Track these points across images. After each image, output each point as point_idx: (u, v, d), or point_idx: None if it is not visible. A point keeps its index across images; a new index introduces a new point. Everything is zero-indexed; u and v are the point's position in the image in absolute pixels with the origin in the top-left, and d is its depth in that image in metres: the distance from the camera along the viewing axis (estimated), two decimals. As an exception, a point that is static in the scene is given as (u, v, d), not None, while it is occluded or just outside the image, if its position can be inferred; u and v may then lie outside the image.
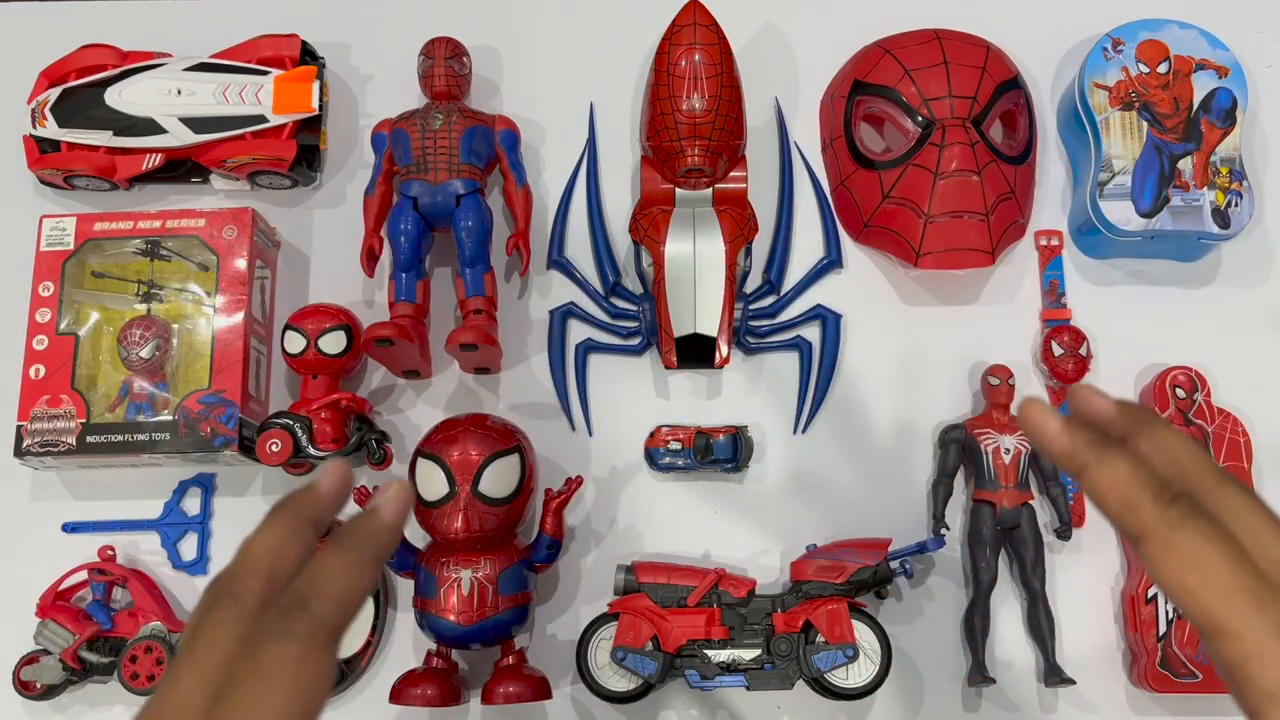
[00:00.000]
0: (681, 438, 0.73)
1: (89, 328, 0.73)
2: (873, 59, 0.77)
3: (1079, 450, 0.32)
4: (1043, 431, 0.33)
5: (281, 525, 0.30)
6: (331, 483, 0.33)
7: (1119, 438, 0.33)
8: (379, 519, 0.31)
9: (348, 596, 0.28)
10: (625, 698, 0.66)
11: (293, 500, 0.32)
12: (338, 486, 0.33)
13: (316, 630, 0.27)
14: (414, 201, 0.72)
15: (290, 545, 0.30)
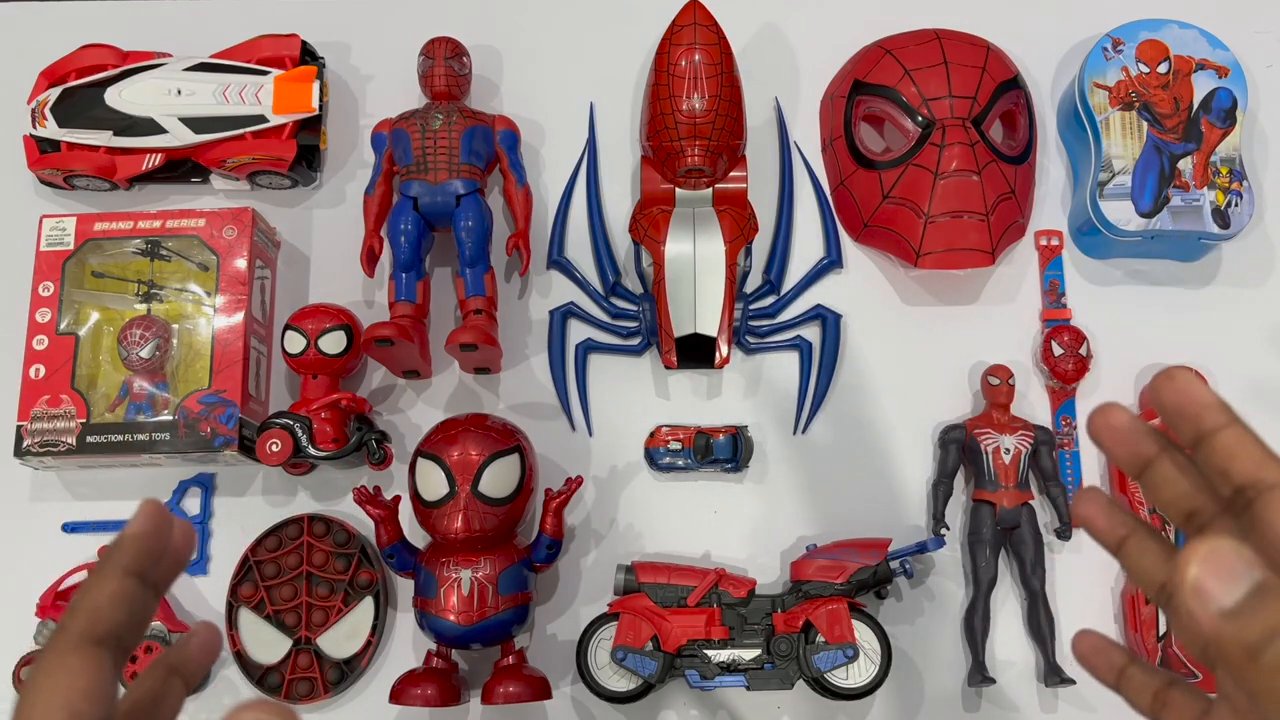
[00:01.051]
0: (681, 438, 0.73)
1: (89, 328, 0.73)
2: (873, 59, 0.77)
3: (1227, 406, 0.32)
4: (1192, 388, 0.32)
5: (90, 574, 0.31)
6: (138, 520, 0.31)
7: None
8: (120, 534, 0.30)
9: (91, 602, 0.29)
10: (625, 698, 0.66)
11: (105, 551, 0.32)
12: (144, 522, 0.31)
13: (66, 636, 0.28)
14: (414, 201, 0.72)
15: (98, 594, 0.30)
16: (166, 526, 0.30)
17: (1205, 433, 0.32)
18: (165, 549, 0.31)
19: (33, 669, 0.28)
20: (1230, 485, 0.31)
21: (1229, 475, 0.31)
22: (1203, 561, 0.26)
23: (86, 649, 0.28)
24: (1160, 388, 0.33)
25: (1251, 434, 0.31)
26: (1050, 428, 0.74)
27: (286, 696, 0.68)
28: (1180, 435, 0.33)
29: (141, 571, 0.30)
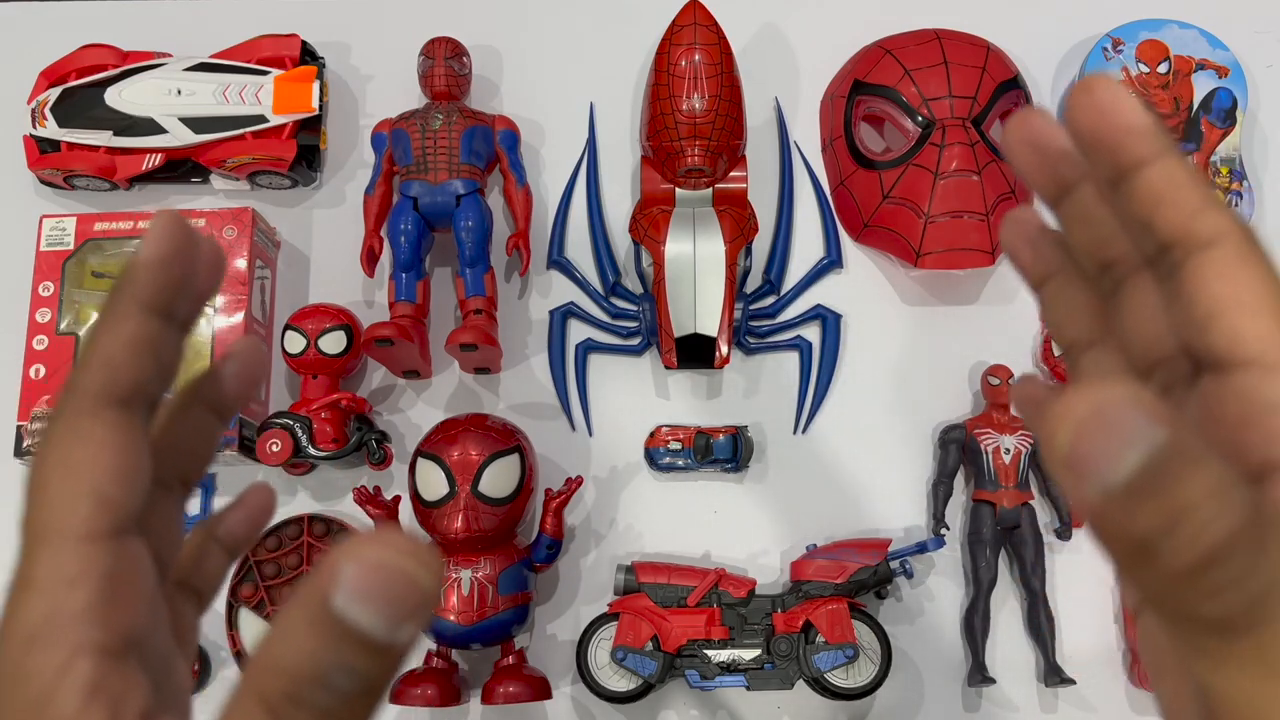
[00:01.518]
0: (681, 438, 0.73)
1: (89, 328, 0.73)
2: (873, 59, 0.77)
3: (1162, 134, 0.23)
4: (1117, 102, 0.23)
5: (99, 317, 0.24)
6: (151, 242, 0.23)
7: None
8: (135, 256, 0.23)
9: (106, 352, 0.22)
10: (625, 698, 0.66)
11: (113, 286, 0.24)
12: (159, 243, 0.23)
13: (78, 397, 0.22)
14: (414, 201, 0.72)
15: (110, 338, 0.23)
16: (189, 243, 0.23)
17: (1127, 167, 0.23)
18: (190, 273, 0.23)
19: (40, 443, 0.22)
20: (1154, 241, 0.23)
21: (1153, 227, 0.23)
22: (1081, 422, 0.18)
23: (108, 412, 0.22)
24: (1074, 105, 0.24)
25: (1187, 172, 0.23)
26: (1050, 428, 0.74)
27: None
28: (1100, 169, 0.24)
29: (164, 306, 0.23)
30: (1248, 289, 0.22)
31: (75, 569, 0.21)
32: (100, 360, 0.22)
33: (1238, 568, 0.18)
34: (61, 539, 0.21)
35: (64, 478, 0.22)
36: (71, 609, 0.21)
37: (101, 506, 0.21)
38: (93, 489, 0.21)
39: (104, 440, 0.22)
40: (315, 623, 0.19)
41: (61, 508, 0.21)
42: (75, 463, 0.22)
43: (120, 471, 0.22)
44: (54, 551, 0.21)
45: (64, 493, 0.21)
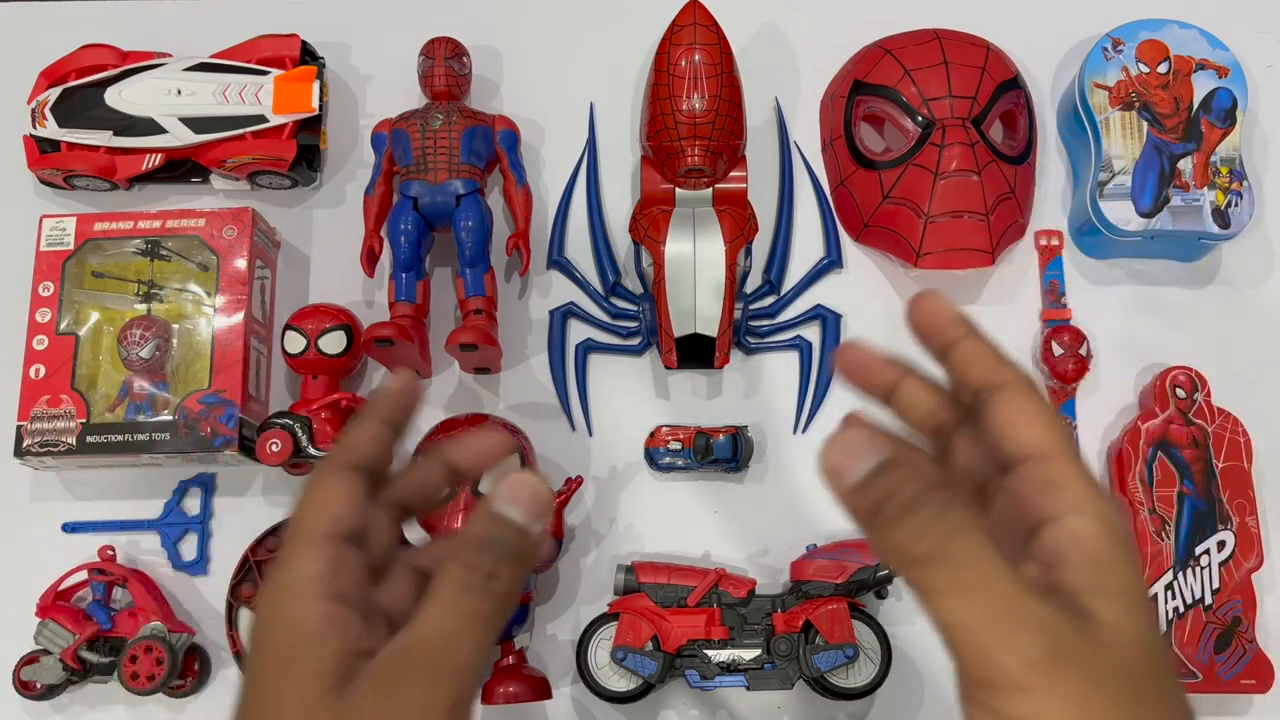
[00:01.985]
0: (681, 438, 0.73)
1: (89, 328, 0.73)
2: (873, 59, 0.77)
3: (968, 321, 0.36)
4: (939, 305, 0.36)
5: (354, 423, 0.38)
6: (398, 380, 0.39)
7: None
8: (385, 387, 0.38)
9: (351, 440, 0.37)
10: (625, 698, 0.66)
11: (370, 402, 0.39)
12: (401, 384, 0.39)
13: (329, 463, 0.36)
14: (414, 201, 0.72)
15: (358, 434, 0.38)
16: (415, 392, 0.39)
17: (948, 344, 0.36)
18: (410, 405, 0.39)
19: (302, 488, 0.36)
20: (969, 391, 0.35)
21: (967, 382, 0.35)
22: (835, 447, 0.32)
23: (344, 471, 0.36)
24: (910, 309, 0.37)
25: (987, 343, 0.36)
26: (1050, 428, 0.74)
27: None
28: (930, 351, 0.37)
29: (392, 420, 0.38)
30: (1025, 412, 0.34)
31: (315, 551, 0.34)
32: (345, 445, 0.37)
33: (928, 515, 0.30)
34: (308, 535, 0.34)
35: (313, 503, 0.35)
36: (310, 574, 0.33)
37: (334, 520, 0.34)
38: (328, 510, 0.35)
39: (338, 486, 0.35)
40: (486, 518, 0.34)
41: (309, 518, 0.35)
42: (318, 496, 0.35)
43: (346, 504, 0.35)
44: (303, 542, 0.34)
45: (312, 510, 0.35)
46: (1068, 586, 0.31)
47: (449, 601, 0.32)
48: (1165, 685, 0.31)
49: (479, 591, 0.33)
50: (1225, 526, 0.70)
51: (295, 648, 0.32)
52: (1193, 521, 0.70)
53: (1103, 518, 0.31)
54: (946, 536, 0.30)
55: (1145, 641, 0.31)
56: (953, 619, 0.30)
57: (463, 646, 0.32)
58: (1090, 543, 0.31)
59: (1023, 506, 0.33)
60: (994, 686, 0.29)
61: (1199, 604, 0.68)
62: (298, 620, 0.32)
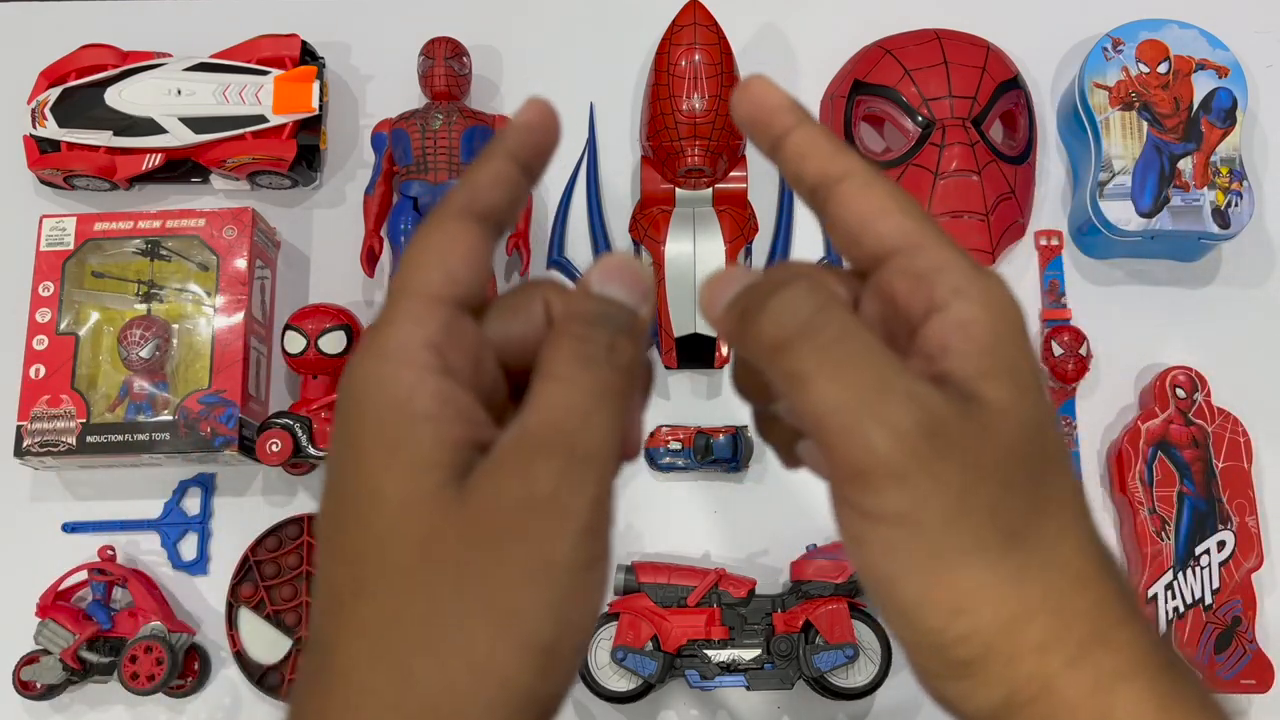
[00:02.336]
0: (681, 438, 0.73)
1: (89, 328, 0.73)
2: (873, 59, 0.77)
3: (799, 108, 0.31)
4: (766, 91, 0.31)
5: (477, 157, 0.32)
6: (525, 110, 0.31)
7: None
8: (515, 118, 0.31)
9: (474, 180, 0.30)
10: (625, 698, 0.66)
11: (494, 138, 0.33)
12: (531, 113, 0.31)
13: (448, 207, 0.29)
14: (414, 201, 0.72)
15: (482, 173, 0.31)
16: (553, 121, 0.31)
17: (778, 137, 0.31)
18: (546, 141, 0.31)
19: (415, 234, 0.31)
20: (806, 188, 0.31)
21: (803, 178, 0.31)
22: (708, 283, 0.30)
23: (466, 219, 0.29)
24: (735, 100, 0.32)
25: (821, 132, 0.31)
26: (1050, 428, 0.74)
27: (286, 697, 0.68)
28: (760, 145, 0.32)
29: (523, 158, 0.30)
30: (876, 202, 0.29)
31: (423, 314, 0.27)
32: (468, 184, 0.30)
33: (791, 295, 0.28)
34: (415, 294, 0.28)
35: (425, 255, 0.28)
36: (419, 339, 0.27)
37: (448, 279, 0.28)
38: (443, 266, 0.28)
39: (458, 236, 0.29)
40: (587, 297, 0.29)
41: (418, 274, 0.28)
42: (434, 246, 0.28)
43: (466, 260, 0.28)
44: (409, 302, 0.27)
45: (423, 265, 0.28)
46: (954, 374, 0.27)
47: (570, 376, 0.27)
48: (1059, 471, 0.28)
49: (602, 363, 0.27)
50: (1225, 526, 0.70)
51: (401, 430, 0.26)
52: (1193, 521, 0.70)
53: (988, 298, 0.28)
54: (812, 313, 0.27)
55: (1037, 424, 0.28)
56: (821, 404, 0.27)
57: (596, 426, 0.26)
58: (976, 326, 0.28)
59: (899, 305, 0.29)
60: (864, 476, 0.27)
61: (1199, 604, 0.68)
62: (404, 395, 0.26)
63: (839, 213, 0.30)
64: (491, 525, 0.25)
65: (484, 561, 0.25)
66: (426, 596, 0.25)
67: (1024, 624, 0.27)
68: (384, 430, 0.26)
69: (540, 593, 0.25)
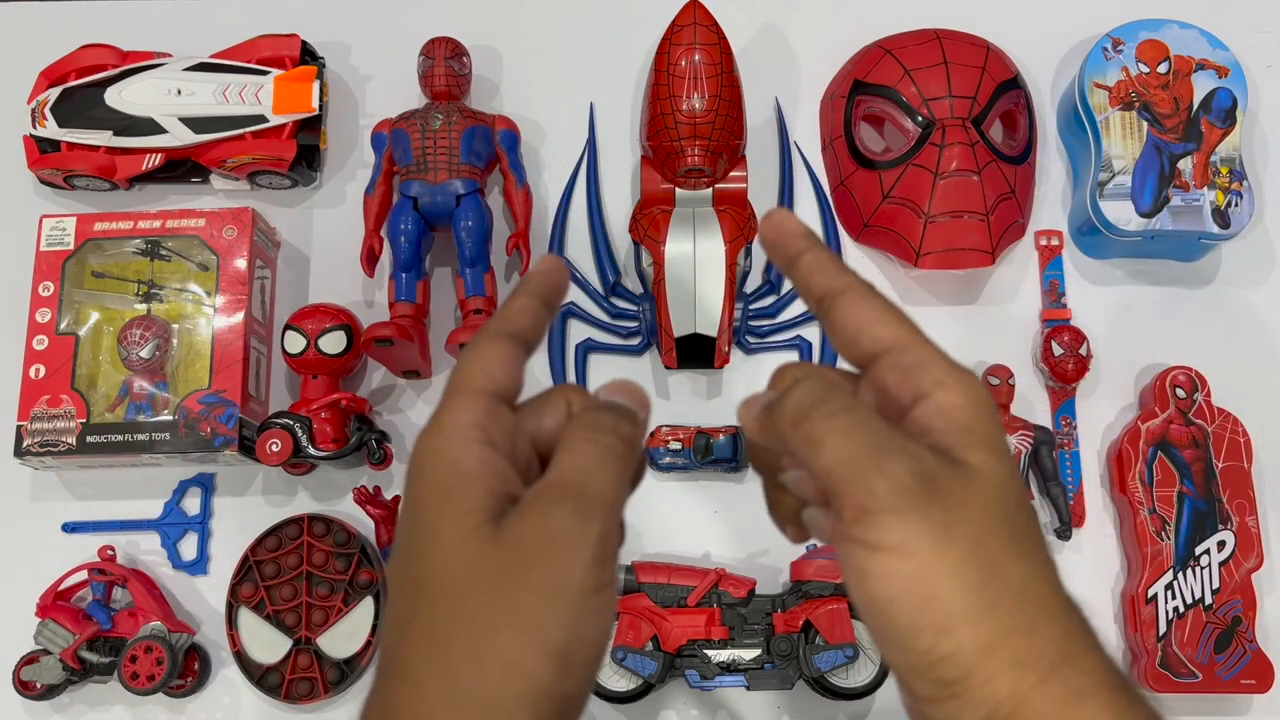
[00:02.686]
0: (681, 438, 0.73)
1: (89, 328, 0.73)
2: (873, 59, 0.77)
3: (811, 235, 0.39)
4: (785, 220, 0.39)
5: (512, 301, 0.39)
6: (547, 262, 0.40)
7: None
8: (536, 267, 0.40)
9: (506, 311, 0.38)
10: (625, 698, 0.66)
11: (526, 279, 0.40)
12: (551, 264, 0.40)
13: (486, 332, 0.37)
14: (414, 201, 0.72)
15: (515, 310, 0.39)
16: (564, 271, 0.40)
17: (792, 257, 0.38)
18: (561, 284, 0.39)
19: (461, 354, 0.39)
20: (814, 299, 0.38)
21: (811, 290, 0.38)
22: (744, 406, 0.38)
23: (500, 338, 0.37)
24: (761, 225, 0.40)
25: (828, 254, 0.38)
26: (1050, 428, 0.74)
27: (286, 697, 0.68)
28: (777, 262, 0.39)
29: (543, 296, 0.38)
30: (871, 311, 0.36)
31: (468, 404, 0.35)
32: (502, 315, 0.38)
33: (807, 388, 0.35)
34: (463, 390, 0.35)
35: (470, 364, 0.36)
36: (466, 421, 0.34)
37: (488, 378, 0.35)
38: (484, 370, 0.36)
39: (494, 349, 0.36)
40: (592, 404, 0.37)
41: (466, 376, 0.36)
42: (478, 358, 0.36)
43: (503, 366, 0.36)
44: (458, 397, 0.35)
45: (469, 370, 0.36)
46: (940, 446, 0.33)
47: (581, 444, 0.35)
48: (1029, 523, 0.34)
49: (607, 433, 0.35)
50: (1225, 526, 0.69)
51: (452, 484, 0.33)
52: (1193, 521, 0.70)
53: (965, 387, 0.34)
54: (823, 392, 0.34)
55: (1012, 483, 0.34)
56: (832, 458, 0.32)
57: (602, 477, 0.34)
58: (956, 410, 0.34)
59: (890, 394, 0.35)
60: (867, 515, 0.31)
61: (1199, 604, 0.68)
62: (455, 460, 0.34)
63: (840, 319, 0.37)
64: (519, 556, 0.32)
65: (513, 585, 0.32)
66: (469, 613, 0.32)
67: (1000, 645, 0.31)
68: (439, 486, 0.34)
69: (558, 610, 0.31)
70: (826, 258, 0.38)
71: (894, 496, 0.31)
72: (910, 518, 0.31)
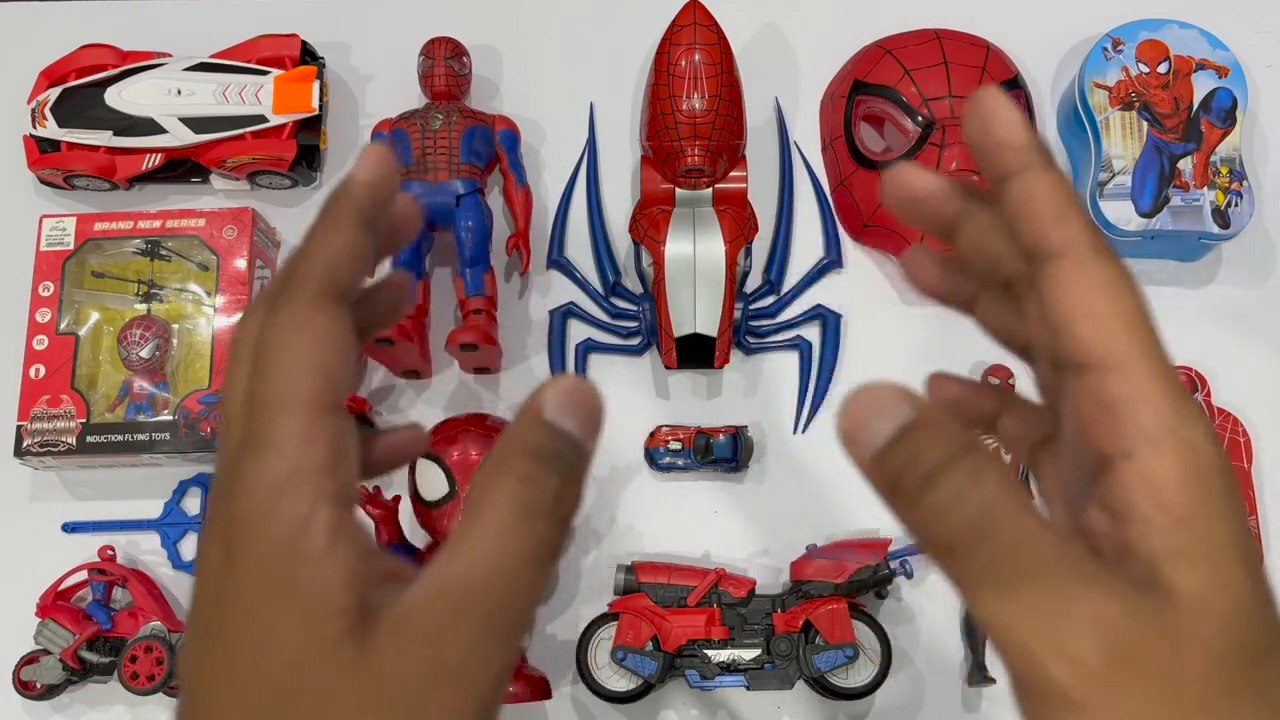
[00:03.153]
0: (681, 438, 0.73)
1: (89, 328, 0.73)
2: (873, 59, 0.77)
3: (1035, 147, 0.26)
4: (998, 116, 0.27)
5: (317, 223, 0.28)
6: (366, 166, 0.27)
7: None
8: (346, 179, 0.27)
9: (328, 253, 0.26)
10: (625, 698, 0.66)
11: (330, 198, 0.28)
12: (372, 168, 0.27)
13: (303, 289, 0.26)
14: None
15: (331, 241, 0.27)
16: (392, 171, 0.27)
17: (1003, 174, 0.26)
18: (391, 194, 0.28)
19: (265, 326, 0.25)
20: (1023, 250, 0.26)
21: (1019, 235, 0.26)
22: (852, 406, 0.24)
23: (329, 305, 0.26)
24: (964, 116, 0.27)
25: (1049, 184, 0.26)
26: (1050, 428, 0.74)
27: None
28: (988, 178, 0.27)
29: (372, 220, 0.27)
30: (1084, 299, 0.25)
31: (311, 431, 0.24)
32: (322, 260, 0.26)
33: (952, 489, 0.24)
34: (297, 406, 0.24)
35: (294, 358, 0.25)
36: (311, 464, 0.24)
37: (329, 382, 0.25)
38: (321, 368, 0.25)
39: (327, 328, 0.25)
40: (538, 426, 0.25)
41: (294, 381, 0.24)
42: (303, 346, 0.25)
43: (340, 354, 0.25)
44: (290, 417, 0.24)
45: (295, 369, 0.24)
46: (1140, 549, 0.24)
47: (509, 527, 0.24)
48: (1264, 676, 0.23)
49: (546, 515, 0.25)
50: (1225, 526, 0.69)
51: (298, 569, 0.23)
52: (1193, 521, 0.70)
53: (1183, 449, 0.24)
54: (980, 514, 0.24)
55: (1237, 620, 0.23)
56: (994, 619, 0.24)
57: (526, 589, 0.25)
58: (1167, 489, 0.23)
59: (1085, 431, 0.25)
60: (1046, 700, 0.24)
61: (1199, 604, 0.68)
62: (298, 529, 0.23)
63: (1046, 297, 0.25)
64: (393, 693, 0.23)
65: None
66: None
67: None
68: (278, 569, 0.23)
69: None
70: (1046, 188, 0.26)
71: (1077, 687, 0.23)
72: (1098, 712, 0.23)
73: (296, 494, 0.24)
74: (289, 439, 0.24)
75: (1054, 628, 0.23)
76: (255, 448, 0.24)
